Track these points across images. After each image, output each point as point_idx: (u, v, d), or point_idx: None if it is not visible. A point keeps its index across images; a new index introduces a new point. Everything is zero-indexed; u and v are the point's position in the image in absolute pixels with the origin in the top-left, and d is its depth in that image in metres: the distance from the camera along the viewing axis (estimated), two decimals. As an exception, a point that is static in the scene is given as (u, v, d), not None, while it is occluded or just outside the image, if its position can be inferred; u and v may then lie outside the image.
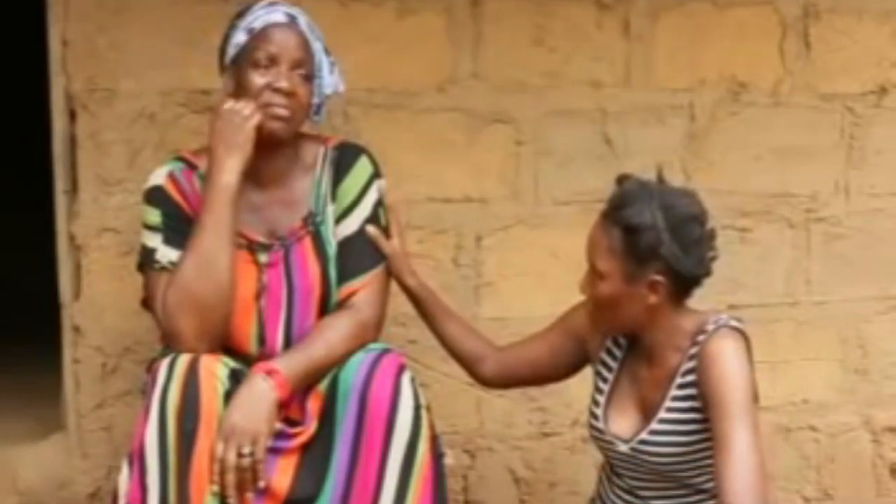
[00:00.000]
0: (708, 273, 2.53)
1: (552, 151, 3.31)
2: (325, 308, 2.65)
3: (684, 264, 2.46)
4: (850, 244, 3.51)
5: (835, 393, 3.54)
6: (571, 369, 2.77)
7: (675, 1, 3.35)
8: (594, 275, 2.51)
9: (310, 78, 2.64)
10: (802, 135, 3.46)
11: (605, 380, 2.63)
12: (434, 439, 2.53)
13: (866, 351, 3.55)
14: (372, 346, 2.58)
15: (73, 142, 3.08)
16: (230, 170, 2.53)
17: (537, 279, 3.31)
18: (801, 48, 3.44)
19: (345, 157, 2.71)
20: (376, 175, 2.72)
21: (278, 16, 2.62)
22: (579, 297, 2.75)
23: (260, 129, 2.56)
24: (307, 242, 2.66)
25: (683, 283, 2.50)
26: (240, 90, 2.59)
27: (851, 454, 3.56)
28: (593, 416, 2.63)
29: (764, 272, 3.41)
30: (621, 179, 2.55)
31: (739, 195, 3.38)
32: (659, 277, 2.46)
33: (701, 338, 2.48)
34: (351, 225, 2.68)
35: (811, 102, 3.46)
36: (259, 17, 2.62)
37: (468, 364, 2.83)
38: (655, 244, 2.44)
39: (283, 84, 2.57)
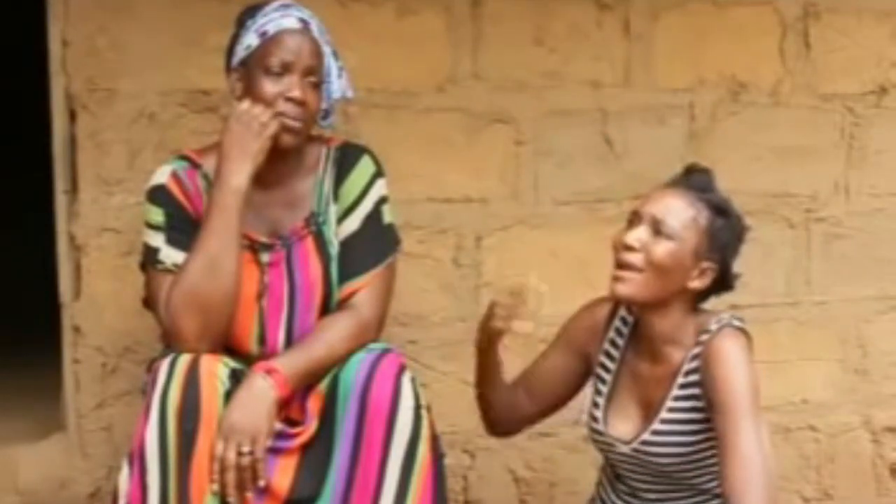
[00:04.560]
0: (733, 287, 2.58)
1: (552, 151, 3.31)
2: (327, 308, 2.65)
3: (730, 270, 2.55)
4: (850, 244, 3.51)
5: (835, 393, 3.54)
6: (578, 388, 2.73)
7: (675, 1, 3.35)
8: (661, 234, 2.48)
9: (319, 84, 2.63)
10: (802, 135, 3.46)
11: (603, 381, 2.62)
12: (434, 439, 2.53)
13: (866, 351, 3.55)
14: (372, 345, 2.58)
15: (73, 142, 3.08)
16: (242, 173, 2.53)
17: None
18: (801, 48, 3.44)
19: (347, 157, 2.71)
20: (379, 174, 2.71)
21: (292, 21, 2.61)
22: (579, 296, 2.76)
23: (272, 137, 2.56)
24: (309, 242, 2.66)
25: (716, 286, 2.55)
26: (249, 94, 2.58)
27: (851, 454, 3.57)
28: (592, 418, 2.62)
29: (764, 272, 3.41)
30: (692, 168, 2.60)
31: (739, 195, 3.33)
32: (713, 267, 2.51)
33: (704, 337, 2.48)
34: (352, 224, 2.67)
35: (811, 102, 3.46)
36: (272, 21, 2.60)
37: (499, 414, 2.76)
38: (729, 240, 2.53)
39: (296, 94, 2.56)
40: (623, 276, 2.50)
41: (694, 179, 2.56)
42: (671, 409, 2.51)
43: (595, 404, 2.62)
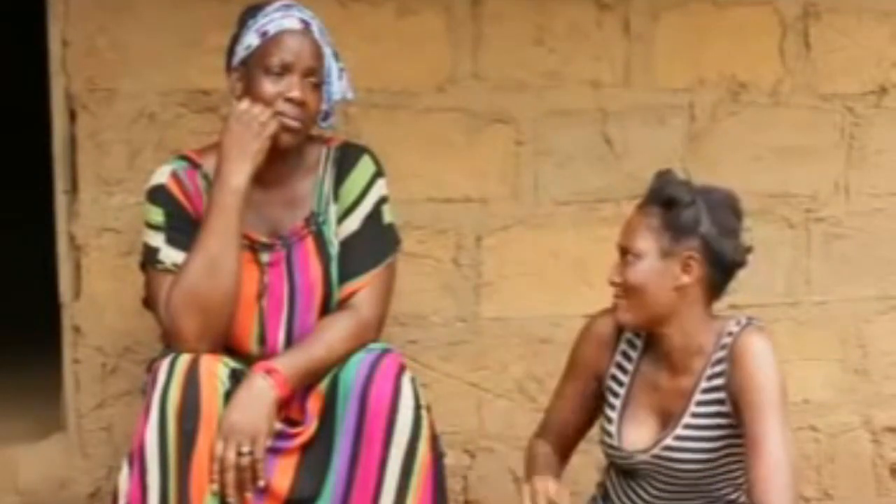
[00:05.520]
0: (744, 262, 2.53)
1: (552, 151, 3.31)
2: (327, 308, 2.65)
3: (722, 246, 2.47)
4: (850, 244, 3.51)
5: (835, 393, 3.54)
6: (598, 410, 2.66)
7: (675, 1, 3.35)
8: (629, 260, 2.47)
9: (320, 85, 2.63)
10: (802, 135, 3.46)
11: (615, 394, 2.59)
12: (434, 439, 2.53)
13: (866, 351, 3.55)
14: (372, 345, 2.59)
15: (73, 142, 3.08)
16: (242, 173, 2.53)
17: (537, 279, 3.31)
18: (801, 48, 3.44)
19: (347, 157, 2.71)
20: (379, 174, 2.71)
21: (293, 22, 2.61)
22: (579, 296, 2.75)
23: (272, 137, 2.56)
24: (309, 242, 2.66)
25: (718, 269, 2.49)
26: (249, 93, 2.58)
27: (851, 454, 3.56)
28: (606, 433, 2.58)
29: (764, 272, 3.41)
30: (662, 174, 2.56)
31: (739, 195, 3.37)
32: (695, 254, 2.46)
33: (726, 340, 2.47)
34: (352, 224, 2.67)
35: (811, 102, 3.46)
36: (273, 21, 2.60)
37: None
38: (695, 221, 2.46)
39: (296, 94, 2.56)
40: (617, 307, 2.52)
41: (651, 189, 2.53)
42: (695, 415, 2.49)
43: (608, 419, 2.58)
